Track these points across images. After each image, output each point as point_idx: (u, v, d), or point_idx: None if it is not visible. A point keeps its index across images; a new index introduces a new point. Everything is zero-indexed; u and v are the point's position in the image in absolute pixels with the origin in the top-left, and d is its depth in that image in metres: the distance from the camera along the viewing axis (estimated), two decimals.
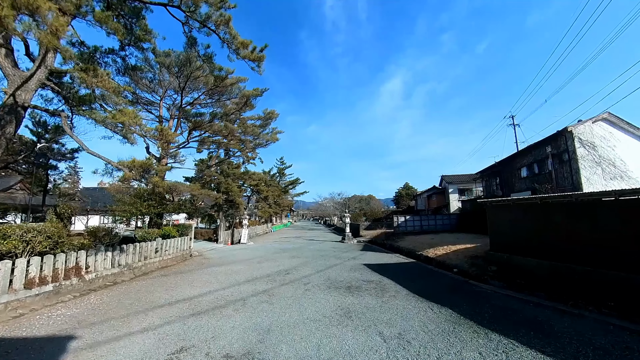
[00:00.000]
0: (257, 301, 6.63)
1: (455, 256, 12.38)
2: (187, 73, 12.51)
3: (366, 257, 13.50)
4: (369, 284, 8.27)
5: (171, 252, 13.36)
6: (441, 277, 9.49)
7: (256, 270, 10.43)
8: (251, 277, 9.29)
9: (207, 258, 14.22)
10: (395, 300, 6.69)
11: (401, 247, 17.17)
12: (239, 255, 14.85)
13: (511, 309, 6.08)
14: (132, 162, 7.67)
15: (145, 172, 7.68)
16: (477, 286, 8.17)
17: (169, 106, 14.87)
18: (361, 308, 6.08)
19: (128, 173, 7.54)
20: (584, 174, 12.35)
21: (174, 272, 10.58)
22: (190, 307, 6.30)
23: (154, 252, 12.16)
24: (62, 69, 7.64)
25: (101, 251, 9.28)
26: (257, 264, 11.81)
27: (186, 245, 15.04)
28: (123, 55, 10.38)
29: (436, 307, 6.14)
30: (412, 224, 22.85)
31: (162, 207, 12.74)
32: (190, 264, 12.65)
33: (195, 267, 11.62)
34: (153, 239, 12.06)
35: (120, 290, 8.02)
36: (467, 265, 10.84)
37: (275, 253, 15.46)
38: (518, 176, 18.35)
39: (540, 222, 7.75)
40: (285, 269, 10.54)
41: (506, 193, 19.94)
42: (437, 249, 14.39)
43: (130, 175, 7.64)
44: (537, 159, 15.87)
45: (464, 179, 32.04)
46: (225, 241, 21.46)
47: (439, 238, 17.98)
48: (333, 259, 13.13)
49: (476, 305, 6.24)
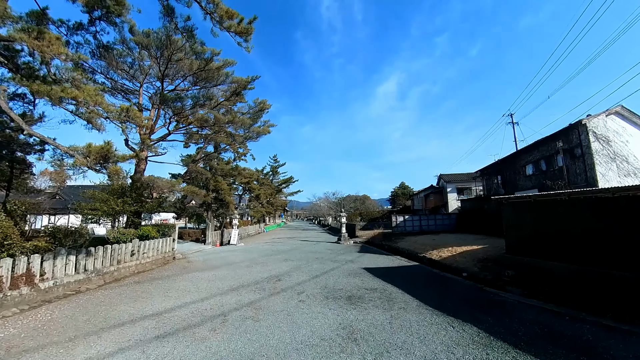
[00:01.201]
0: (240, 317, 5.47)
1: (463, 259, 11.41)
2: (168, 54, 11.19)
3: (365, 260, 12.44)
4: (372, 292, 7.18)
5: (150, 255, 12.08)
6: (451, 282, 8.47)
7: (243, 276, 9.26)
8: (237, 285, 8.11)
9: (191, 261, 12.96)
10: (406, 313, 5.61)
11: (401, 249, 16.18)
12: (226, 258, 13.63)
13: (546, 324, 5.07)
14: (87, 147, 6.42)
15: (103, 160, 6.46)
16: (495, 294, 7.16)
17: (151, 95, 13.57)
18: (367, 326, 4.99)
19: (81, 160, 6.30)
20: (600, 170, 11.53)
21: (150, 278, 9.34)
22: (157, 326, 5.11)
23: (130, 255, 10.87)
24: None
25: (61, 255, 7.99)
26: (245, 269, 10.63)
27: (168, 247, 13.75)
28: (94, 32, 9.09)
29: (457, 324, 5.09)
30: (411, 224, 21.90)
31: (139, 204, 11.43)
32: (171, 268, 11.39)
33: (176, 272, 10.38)
34: (129, 241, 10.78)
35: (79, 302, 6.77)
36: (478, 269, 9.87)
37: (267, 255, 14.28)
38: (522, 174, 17.55)
39: (568, 221, 6.78)
40: (276, 275, 9.39)
41: (509, 191, 19.13)
42: (440, 250, 13.41)
43: (84, 162, 6.38)
44: (545, 155, 15.06)
45: (462, 178, 31.31)
46: (213, 242, 20.16)
47: (441, 239, 17.05)
48: (329, 262, 12.02)
49: (503, 320, 5.22)
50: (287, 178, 46.22)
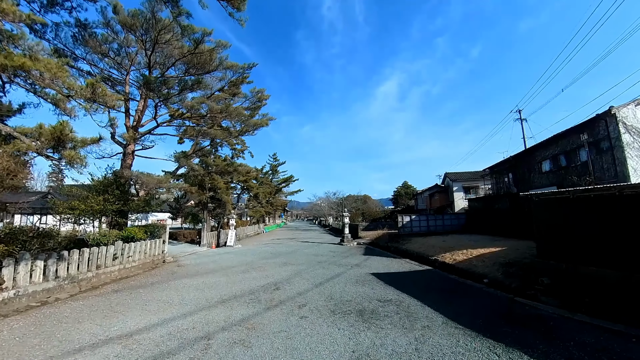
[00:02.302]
0: (227, 341, 4.39)
1: (481, 263, 10.33)
2: (155, 35, 10.06)
3: (372, 264, 11.35)
4: (386, 305, 6.10)
5: (137, 259, 11.00)
6: (474, 291, 7.39)
7: (237, 284, 8.18)
8: (228, 295, 7.03)
9: (181, 265, 11.89)
10: (434, 335, 4.53)
11: (409, 251, 15.10)
12: (220, 262, 12.55)
13: (612, 350, 4.00)
14: (38, 128, 5.33)
15: (57, 143, 5.38)
16: (532, 307, 6.09)
17: (139, 85, 12.48)
18: (387, 355, 3.91)
19: (27, 144, 5.19)
20: (631, 164, 10.45)
21: (131, 286, 8.26)
22: (122, 354, 4.03)
23: (112, 259, 9.80)
24: None
25: (25, 260, 6.91)
26: (240, 275, 9.55)
27: (157, 249, 12.67)
28: (69, 7, 8.03)
29: (501, 350, 4.01)
30: (418, 224, 20.79)
31: (122, 203, 10.34)
32: (159, 273, 10.32)
33: (163, 278, 9.30)
34: (110, 243, 9.71)
35: (39, 317, 5.69)
36: (501, 275, 8.80)
37: (265, 259, 13.20)
38: (538, 171, 16.45)
39: (620, 221, 5.69)
40: (274, 282, 8.31)
41: (522, 190, 18.00)
42: (454, 253, 12.33)
43: (32, 147, 5.29)
44: (566, 149, 13.97)
45: (469, 176, 30.17)
46: (209, 244, 19.06)
47: (452, 240, 15.96)
48: (333, 266, 10.95)
49: (557, 345, 4.15)
50: (287, 177, 45.08)
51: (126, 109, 12.16)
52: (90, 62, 12.23)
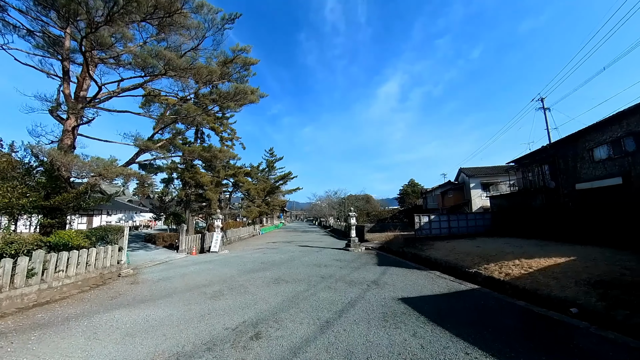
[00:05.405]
0: None
1: (553, 281, 7.33)
2: None
3: (395, 281, 8.35)
4: None
5: (72, 274, 7.98)
6: (572, 333, 4.38)
7: (194, 323, 5.15)
8: (167, 355, 4.02)
9: (138, 282, 8.87)
10: None
11: (435, 259, 12.04)
12: (192, 276, 9.54)
13: None
14: None
15: None
16: None
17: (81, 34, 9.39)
18: None
19: None
20: None
21: (28, 325, 5.24)
22: None
23: (25, 276, 6.81)
24: None
25: None
26: (207, 302, 6.52)
27: (111, 259, 9.66)
28: None
29: None
30: (438, 225, 17.77)
31: (48, 195, 7.33)
32: (97, 296, 7.30)
33: (92, 308, 6.28)
34: (22, 253, 6.71)
35: None
36: (599, 303, 5.80)
37: (250, 272, 10.18)
38: (588, 159, 13.45)
39: None
40: (254, 320, 5.28)
41: (566, 183, 15.04)
42: (501, 264, 9.35)
43: None
44: (632, 130, 11.02)
45: (488, 171, 27.10)
46: (189, 249, 16.02)
47: (487, 245, 12.97)
48: (343, 285, 7.95)
49: None
50: (285, 174, 41.85)
51: (64, 70, 9.18)
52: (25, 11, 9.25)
